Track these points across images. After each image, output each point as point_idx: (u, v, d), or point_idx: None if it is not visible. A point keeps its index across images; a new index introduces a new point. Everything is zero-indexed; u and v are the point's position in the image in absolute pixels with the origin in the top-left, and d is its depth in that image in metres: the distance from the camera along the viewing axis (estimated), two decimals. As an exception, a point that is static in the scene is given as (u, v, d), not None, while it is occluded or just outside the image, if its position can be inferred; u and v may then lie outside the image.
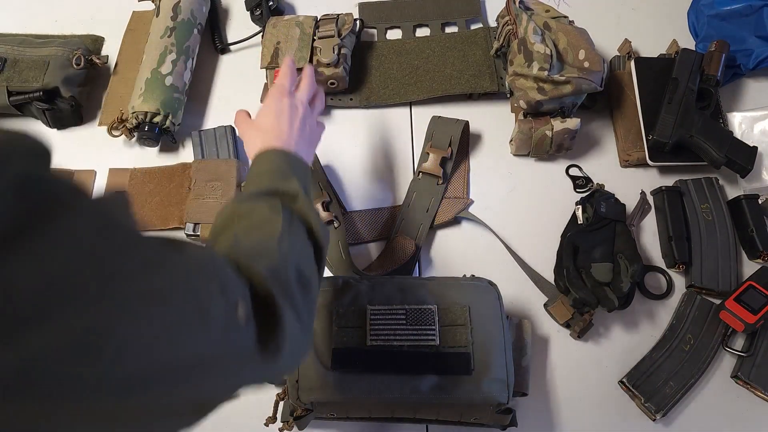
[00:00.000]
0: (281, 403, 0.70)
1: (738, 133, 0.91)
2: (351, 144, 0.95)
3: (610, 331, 0.80)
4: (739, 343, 0.78)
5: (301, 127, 0.67)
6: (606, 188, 0.87)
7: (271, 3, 1.03)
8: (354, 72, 0.98)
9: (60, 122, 0.96)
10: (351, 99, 0.97)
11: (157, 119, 0.89)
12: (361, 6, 1.07)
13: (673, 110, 0.87)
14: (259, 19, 1.03)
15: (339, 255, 0.82)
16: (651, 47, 0.99)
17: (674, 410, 0.75)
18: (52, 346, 0.25)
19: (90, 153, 0.95)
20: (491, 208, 0.89)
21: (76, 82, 0.95)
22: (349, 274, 0.80)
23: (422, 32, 1.05)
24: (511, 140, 0.92)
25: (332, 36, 0.93)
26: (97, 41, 1.05)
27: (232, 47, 1.04)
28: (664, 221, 0.85)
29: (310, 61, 0.92)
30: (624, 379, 0.76)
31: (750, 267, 0.84)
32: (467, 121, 0.91)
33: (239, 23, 1.07)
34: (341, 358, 0.67)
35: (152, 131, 0.90)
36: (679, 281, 0.83)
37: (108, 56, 1.00)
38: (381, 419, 0.73)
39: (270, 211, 0.53)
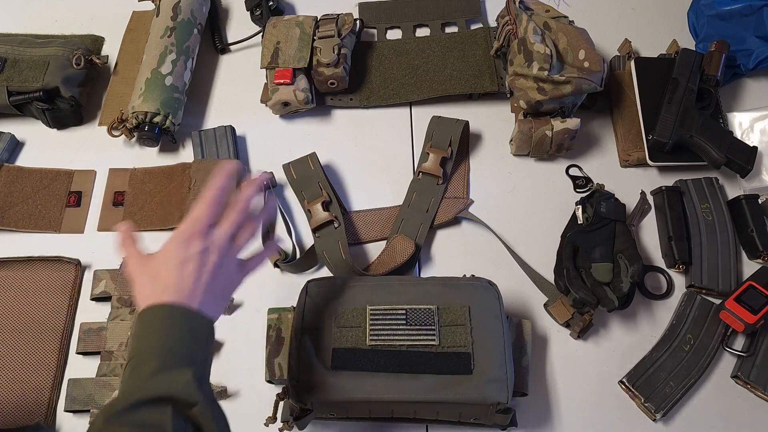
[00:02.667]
0: (281, 403, 0.70)
1: (738, 133, 0.91)
2: (351, 144, 0.95)
3: (610, 331, 0.80)
4: (739, 343, 0.78)
5: (211, 280, 0.55)
6: (606, 188, 0.87)
7: (271, 3, 1.03)
8: (354, 72, 0.98)
9: (60, 122, 0.96)
10: (351, 99, 0.97)
11: (157, 119, 0.89)
12: (361, 6, 1.07)
13: (673, 110, 0.87)
14: (259, 19, 1.03)
15: (339, 255, 0.82)
16: (651, 47, 0.99)
17: (674, 410, 0.75)
18: None
19: (90, 153, 0.95)
20: (491, 208, 0.89)
21: (76, 82, 0.95)
22: (349, 274, 0.80)
23: (422, 32, 1.05)
24: (511, 140, 0.92)
25: (332, 36, 0.93)
26: (97, 41, 1.05)
27: (232, 47, 1.04)
28: (664, 221, 0.85)
29: (310, 61, 0.92)
30: (624, 379, 0.76)
31: (750, 267, 0.84)
32: (467, 121, 0.91)
33: (239, 23, 1.07)
34: (341, 358, 0.67)
35: (152, 131, 0.90)
36: (679, 281, 0.83)
37: (108, 56, 1.00)
38: (381, 419, 0.73)
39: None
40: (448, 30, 1.05)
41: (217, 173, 0.60)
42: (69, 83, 0.93)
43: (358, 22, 0.99)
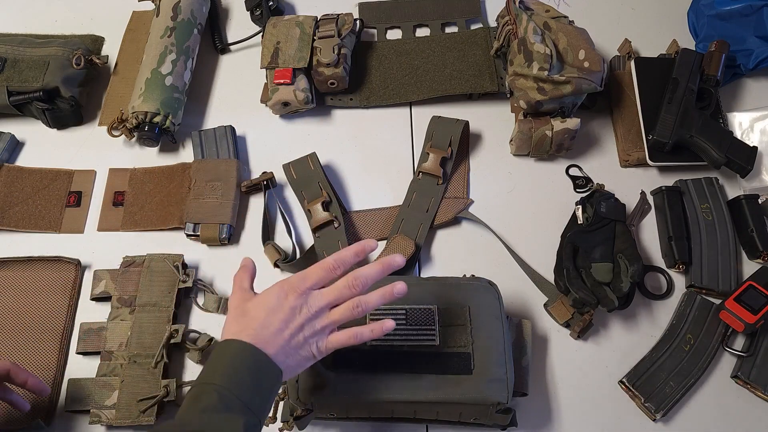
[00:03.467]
0: (281, 403, 0.70)
1: (738, 133, 0.91)
2: (351, 144, 0.95)
3: (610, 331, 0.80)
4: (739, 343, 0.78)
5: (293, 335, 0.56)
6: (606, 188, 0.87)
7: (271, 3, 1.03)
8: (354, 72, 0.98)
9: (60, 122, 0.96)
10: (351, 99, 0.97)
11: (157, 119, 0.89)
12: (361, 6, 1.07)
13: (673, 110, 0.87)
14: (259, 19, 1.03)
15: (339, 255, 0.82)
16: (651, 47, 0.99)
17: (674, 410, 0.75)
18: None
19: (90, 153, 0.95)
20: (491, 208, 0.89)
21: (76, 82, 0.95)
22: (349, 274, 0.80)
23: (422, 32, 1.05)
24: (511, 140, 0.92)
25: (332, 36, 0.93)
26: (97, 41, 1.05)
27: (232, 47, 1.04)
28: (664, 221, 0.85)
29: (310, 61, 0.92)
30: (624, 379, 0.76)
31: (750, 267, 0.84)
32: (467, 121, 0.91)
33: (239, 23, 1.07)
34: (341, 358, 0.67)
35: (152, 131, 0.90)
36: (679, 281, 0.83)
37: (108, 56, 1.00)
38: (381, 419, 0.73)
39: None
40: (448, 30, 1.05)
41: (351, 248, 0.60)
42: (69, 83, 0.93)
43: (358, 22, 0.99)
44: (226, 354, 0.54)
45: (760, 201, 0.85)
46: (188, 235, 0.86)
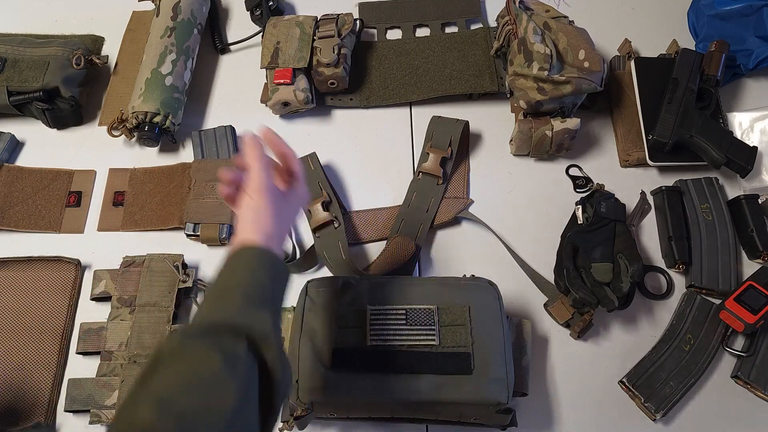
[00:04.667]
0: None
1: (738, 133, 0.91)
2: (351, 144, 0.95)
3: (610, 331, 0.80)
4: (739, 343, 0.78)
5: (285, 228, 0.62)
6: (606, 188, 0.87)
7: (271, 3, 1.03)
8: (354, 72, 0.98)
9: (60, 122, 0.96)
10: (351, 99, 0.97)
11: (157, 119, 0.89)
12: (361, 6, 1.07)
13: (673, 110, 0.87)
14: (259, 19, 1.03)
15: (339, 255, 0.83)
16: (651, 47, 0.99)
17: (674, 410, 0.75)
18: None
19: (90, 153, 0.95)
20: (491, 208, 0.89)
21: (76, 82, 0.95)
22: (349, 274, 0.80)
23: (422, 32, 1.05)
24: (511, 140, 0.92)
25: (332, 36, 0.93)
26: (97, 41, 1.05)
27: (232, 47, 1.04)
28: (664, 221, 0.85)
29: (310, 61, 0.92)
30: (624, 379, 0.76)
31: (750, 267, 0.84)
32: (467, 121, 0.91)
33: (239, 23, 1.07)
34: (341, 358, 0.67)
35: (152, 131, 0.90)
36: (679, 281, 0.83)
37: (108, 56, 1.00)
38: (381, 419, 0.73)
39: (224, 367, 0.45)
40: (448, 30, 1.05)
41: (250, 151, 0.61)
42: (69, 83, 0.93)
43: (358, 22, 0.99)
44: (247, 260, 0.55)
45: (760, 201, 0.85)
46: (188, 235, 0.86)
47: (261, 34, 0.99)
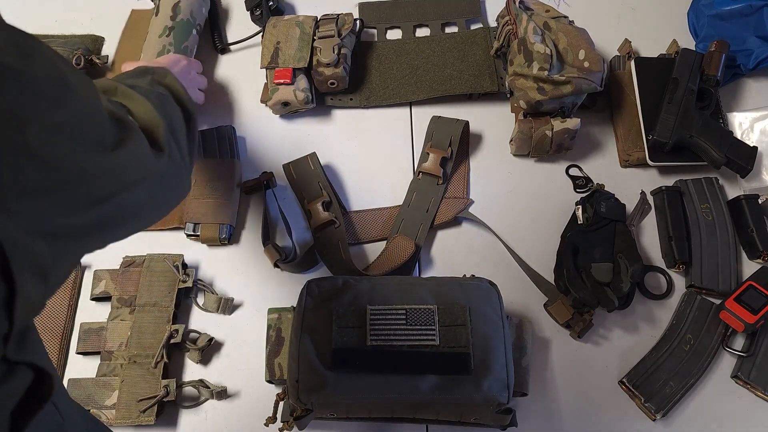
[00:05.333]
0: (281, 403, 0.70)
1: (738, 133, 0.91)
2: (351, 144, 0.95)
3: (610, 331, 0.80)
4: (739, 343, 0.78)
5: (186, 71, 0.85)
6: (606, 188, 0.87)
7: (271, 3, 1.03)
8: (354, 72, 0.98)
9: (60, 122, 0.96)
10: (351, 99, 0.97)
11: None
12: (361, 6, 1.07)
13: (673, 110, 0.87)
14: (259, 19, 1.03)
15: (339, 255, 0.82)
16: (651, 47, 0.99)
17: (674, 410, 0.75)
18: None
19: (90, 153, 0.95)
20: (491, 208, 0.89)
21: (76, 82, 0.94)
22: (349, 274, 0.80)
23: (422, 32, 1.05)
24: (511, 140, 0.92)
25: (332, 36, 0.93)
26: (97, 41, 1.05)
27: (232, 47, 1.04)
28: (664, 221, 0.85)
29: (310, 61, 0.92)
30: (624, 379, 0.76)
31: (750, 267, 0.84)
32: (467, 121, 0.91)
33: (239, 23, 1.07)
34: (341, 358, 0.67)
35: None
36: (679, 281, 0.83)
37: (108, 56, 1.00)
38: (381, 419, 0.73)
39: (148, 84, 0.61)
40: (448, 30, 1.05)
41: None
42: (69, 83, 0.93)
43: (358, 22, 0.99)
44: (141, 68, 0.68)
45: (760, 201, 0.85)
46: (188, 235, 0.86)
47: (261, 34, 0.99)
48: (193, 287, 0.82)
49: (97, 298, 0.82)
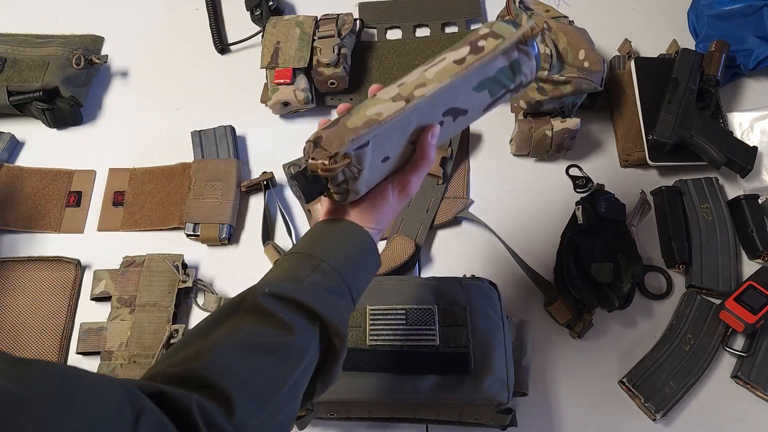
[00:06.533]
0: (281, 403, 0.70)
1: (738, 133, 0.91)
2: (351, 144, 0.95)
3: (610, 331, 0.80)
4: (739, 343, 0.78)
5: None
6: (606, 188, 0.87)
7: (271, 3, 1.03)
8: (354, 72, 0.98)
9: (60, 122, 0.96)
10: (351, 99, 0.97)
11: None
12: (361, 6, 1.07)
13: (673, 110, 0.87)
14: (259, 19, 1.03)
15: (339, 255, 0.82)
16: (651, 47, 0.99)
17: (674, 410, 0.75)
18: None
19: (90, 153, 0.95)
20: (491, 208, 0.89)
21: (76, 82, 0.95)
22: (349, 274, 0.80)
23: (422, 32, 1.05)
24: (511, 140, 0.92)
25: (332, 36, 0.93)
26: (97, 41, 1.05)
27: (232, 47, 1.04)
28: (664, 221, 0.85)
29: (310, 61, 0.92)
30: (624, 379, 0.76)
31: (750, 267, 0.84)
32: (467, 121, 0.91)
33: (239, 23, 1.07)
34: (341, 358, 0.67)
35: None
36: (679, 281, 0.83)
37: (107, 56, 1.00)
38: (381, 419, 0.73)
39: (298, 339, 0.44)
40: (448, 30, 1.05)
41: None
42: (69, 83, 0.93)
43: (358, 22, 0.99)
44: (354, 239, 0.51)
45: (760, 201, 0.85)
46: (188, 235, 0.86)
47: (261, 34, 0.99)
48: (193, 287, 0.82)
49: (97, 298, 0.82)
